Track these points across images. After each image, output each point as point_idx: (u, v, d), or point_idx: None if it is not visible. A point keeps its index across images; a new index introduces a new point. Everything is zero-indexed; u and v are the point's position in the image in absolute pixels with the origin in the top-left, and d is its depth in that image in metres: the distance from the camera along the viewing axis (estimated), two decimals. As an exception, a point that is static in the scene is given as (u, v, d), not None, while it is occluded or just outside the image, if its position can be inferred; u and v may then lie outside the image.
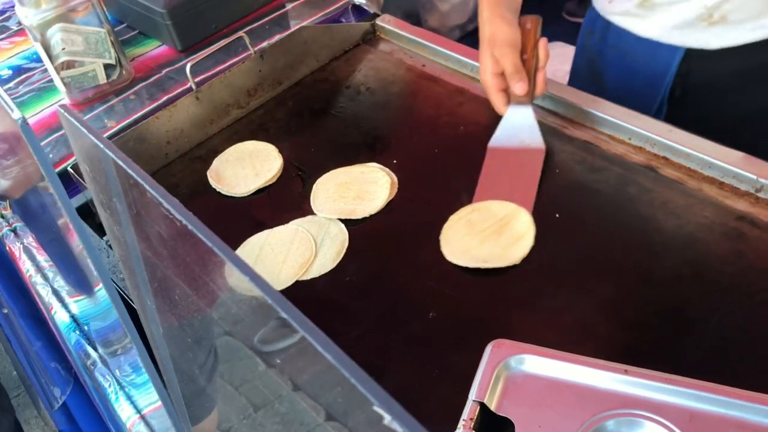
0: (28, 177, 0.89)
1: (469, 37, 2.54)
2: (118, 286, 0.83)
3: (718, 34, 0.93)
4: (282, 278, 0.82)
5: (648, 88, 1.03)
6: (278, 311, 0.25)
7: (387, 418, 0.23)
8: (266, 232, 0.90)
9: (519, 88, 0.91)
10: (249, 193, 0.99)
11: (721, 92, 0.97)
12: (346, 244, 0.87)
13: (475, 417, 0.61)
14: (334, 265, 0.85)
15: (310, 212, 0.94)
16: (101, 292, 0.86)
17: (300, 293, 0.84)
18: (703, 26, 0.92)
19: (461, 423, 0.61)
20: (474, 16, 2.52)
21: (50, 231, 0.94)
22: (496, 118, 1.00)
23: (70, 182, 1.04)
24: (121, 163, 0.31)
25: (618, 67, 1.06)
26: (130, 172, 0.30)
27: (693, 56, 0.97)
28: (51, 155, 1.13)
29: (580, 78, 1.18)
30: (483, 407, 0.61)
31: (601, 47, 1.09)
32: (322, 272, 0.84)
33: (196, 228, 0.28)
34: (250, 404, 0.58)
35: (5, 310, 1.17)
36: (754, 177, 0.83)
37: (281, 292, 0.83)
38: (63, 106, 0.37)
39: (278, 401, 0.53)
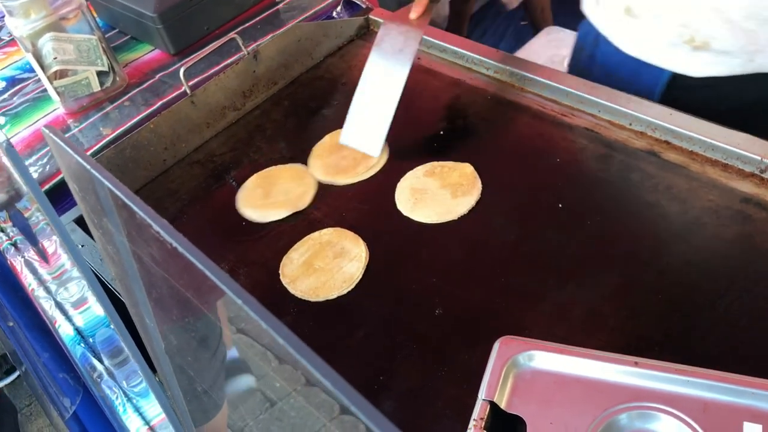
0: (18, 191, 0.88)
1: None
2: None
3: (703, 61, 0.89)
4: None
5: None
6: (275, 337, 0.24)
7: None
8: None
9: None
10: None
11: None
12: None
13: (486, 416, 0.60)
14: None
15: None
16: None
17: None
18: (687, 50, 0.89)
19: (472, 423, 0.60)
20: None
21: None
22: (495, 109, 0.99)
23: (68, 192, 1.03)
24: (107, 183, 0.30)
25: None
26: (117, 192, 0.30)
27: (678, 85, 0.93)
28: (48, 166, 1.13)
29: None
30: (493, 406, 0.60)
31: (589, 65, 1.06)
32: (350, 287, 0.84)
33: (188, 251, 0.27)
34: (266, 400, 0.57)
35: (10, 324, 1.17)
36: (759, 158, 0.81)
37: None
38: (48, 126, 0.36)
39: (293, 395, 0.52)
